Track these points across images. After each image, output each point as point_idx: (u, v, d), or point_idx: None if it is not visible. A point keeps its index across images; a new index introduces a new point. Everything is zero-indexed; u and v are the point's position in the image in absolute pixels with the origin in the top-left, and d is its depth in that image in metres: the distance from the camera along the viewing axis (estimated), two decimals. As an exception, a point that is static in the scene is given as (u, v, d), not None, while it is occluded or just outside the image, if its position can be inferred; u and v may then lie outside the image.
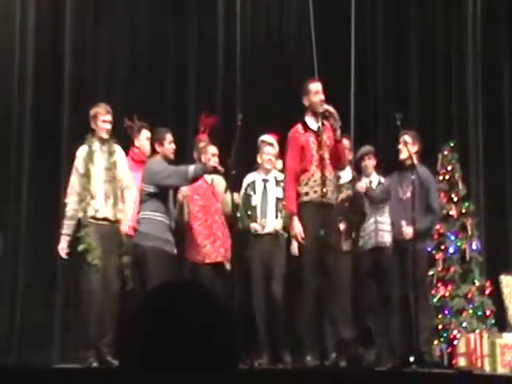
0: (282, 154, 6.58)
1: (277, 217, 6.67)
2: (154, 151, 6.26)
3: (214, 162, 6.34)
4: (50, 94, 7.95)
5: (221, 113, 7.57)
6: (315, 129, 5.70)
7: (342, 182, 6.77)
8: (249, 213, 6.65)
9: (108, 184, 6.03)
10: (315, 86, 5.73)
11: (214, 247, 6.56)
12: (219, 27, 8.50)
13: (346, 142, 6.43)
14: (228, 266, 6.55)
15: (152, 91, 8.06)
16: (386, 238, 6.58)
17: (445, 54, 8.79)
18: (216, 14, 8.52)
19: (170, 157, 6.21)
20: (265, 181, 6.78)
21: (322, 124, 5.74)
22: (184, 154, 7.12)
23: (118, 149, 6.20)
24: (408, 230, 6.23)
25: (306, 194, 5.62)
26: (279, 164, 6.89)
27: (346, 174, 6.76)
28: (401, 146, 6.40)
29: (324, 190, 5.58)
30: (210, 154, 6.57)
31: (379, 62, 8.80)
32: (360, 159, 6.82)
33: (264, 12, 8.63)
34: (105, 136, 6.06)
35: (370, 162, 6.82)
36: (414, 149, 6.38)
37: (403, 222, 6.27)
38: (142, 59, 8.27)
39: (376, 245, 6.60)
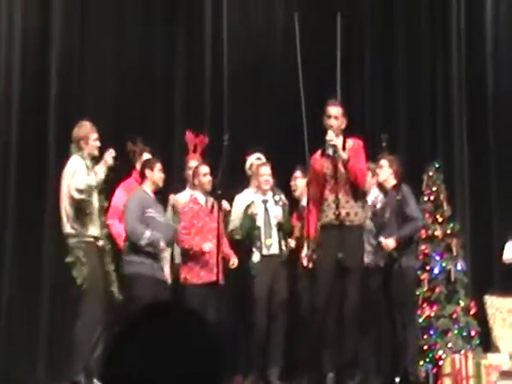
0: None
1: (279, 239, 6.72)
2: (144, 176, 6.35)
3: (207, 181, 6.53)
4: (36, 113, 7.96)
5: (208, 132, 7.57)
6: (331, 153, 5.72)
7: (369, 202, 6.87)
8: (255, 233, 6.68)
9: (101, 202, 6.17)
10: (329, 110, 5.76)
11: (207, 268, 6.56)
12: (207, 47, 8.54)
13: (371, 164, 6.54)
14: (222, 282, 6.52)
15: (139, 110, 8.09)
16: (376, 258, 6.68)
17: (430, 76, 8.92)
18: (204, 34, 8.59)
19: (159, 184, 6.33)
20: (264, 202, 6.82)
21: (343, 146, 5.74)
22: (171, 173, 7.17)
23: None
24: (388, 242, 6.28)
25: (323, 217, 5.70)
26: None
27: (371, 196, 6.82)
28: (378, 170, 6.53)
29: (337, 212, 5.58)
30: (203, 174, 6.65)
31: (365, 83, 8.90)
32: None
33: (251, 34, 8.70)
34: (97, 153, 6.14)
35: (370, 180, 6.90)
36: (388, 171, 6.48)
37: (381, 237, 6.37)
38: (129, 79, 8.30)
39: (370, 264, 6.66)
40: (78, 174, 5.96)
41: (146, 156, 6.73)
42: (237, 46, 8.52)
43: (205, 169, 6.70)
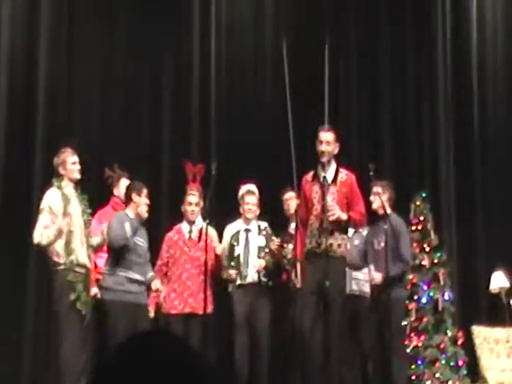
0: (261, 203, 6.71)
1: (258, 271, 6.61)
2: (129, 200, 6.22)
3: (191, 211, 6.45)
4: (22, 138, 7.89)
5: (195, 161, 7.45)
6: (321, 178, 5.69)
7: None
8: (232, 263, 6.61)
9: (83, 230, 6.02)
10: (320, 135, 5.73)
11: (181, 298, 6.48)
12: (194, 74, 8.50)
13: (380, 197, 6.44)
14: (201, 314, 6.40)
15: (126, 138, 8.05)
16: (364, 288, 6.68)
17: (416, 104, 8.94)
18: (192, 61, 8.54)
19: (143, 213, 6.17)
20: (247, 231, 6.75)
21: (335, 176, 5.72)
22: (158, 203, 7.17)
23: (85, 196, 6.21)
24: (376, 276, 6.26)
25: (307, 243, 5.69)
26: None
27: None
28: (372, 197, 6.46)
29: (319, 240, 5.57)
30: (187, 203, 6.59)
31: (352, 113, 8.89)
32: None
33: (239, 60, 8.71)
34: (78, 176, 6.05)
35: None
36: (384, 197, 6.42)
37: (372, 267, 6.34)
38: (116, 106, 8.27)
39: (350, 293, 6.63)
40: (42, 217, 5.87)
41: (125, 182, 6.62)
42: (225, 71, 8.53)
43: (191, 198, 6.62)
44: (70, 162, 6.04)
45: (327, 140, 5.71)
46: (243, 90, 8.61)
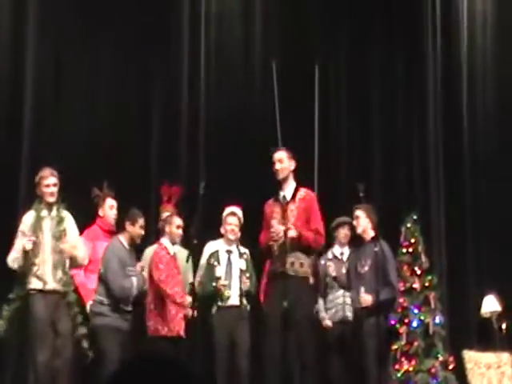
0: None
1: (241, 291, 6.57)
2: (123, 227, 6.21)
3: (178, 234, 6.43)
4: (7, 167, 7.75)
5: (184, 182, 7.57)
6: (281, 199, 5.78)
7: (345, 258, 6.95)
8: (213, 284, 6.56)
9: (57, 254, 5.94)
10: (273, 157, 5.87)
11: (176, 320, 6.44)
12: (183, 95, 8.48)
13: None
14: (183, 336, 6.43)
15: (115, 159, 7.93)
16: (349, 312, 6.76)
17: (406, 124, 8.96)
18: (181, 81, 8.53)
19: (136, 241, 6.21)
20: (229, 252, 6.72)
21: (294, 193, 5.80)
22: (147, 224, 6.85)
23: (67, 215, 6.12)
24: (366, 298, 6.20)
25: (272, 265, 5.77)
26: None
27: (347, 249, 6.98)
28: (355, 222, 6.47)
29: (280, 260, 5.62)
30: (175, 225, 6.55)
31: (341, 134, 8.95)
32: (335, 228, 6.98)
33: (228, 83, 8.66)
34: (51, 200, 5.96)
35: (344, 232, 7.00)
36: (366, 221, 6.40)
37: (362, 289, 6.25)
38: (104, 128, 8.17)
39: (343, 318, 6.76)
40: (17, 241, 5.86)
41: (110, 202, 6.63)
42: (214, 95, 8.53)
43: (178, 221, 6.61)
44: (44, 184, 5.98)
45: (279, 158, 5.84)
46: (233, 111, 8.54)
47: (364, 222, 6.39)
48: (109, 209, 6.60)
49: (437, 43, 9.08)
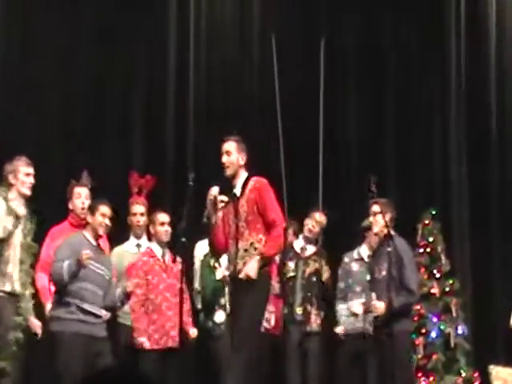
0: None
1: None
2: (87, 221, 5.89)
3: (165, 232, 6.16)
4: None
5: (171, 173, 7.51)
6: (232, 197, 5.51)
7: (307, 254, 6.67)
8: (218, 288, 6.41)
9: (25, 252, 5.66)
10: (222, 147, 5.60)
11: (163, 330, 6.13)
12: (170, 76, 8.11)
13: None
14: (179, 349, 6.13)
15: (91, 146, 7.67)
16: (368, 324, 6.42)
17: (426, 112, 8.57)
18: (167, 60, 8.16)
19: (98, 231, 5.76)
20: None
21: (243, 186, 5.47)
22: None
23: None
24: (378, 305, 5.97)
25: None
26: None
27: (312, 246, 6.71)
28: (371, 219, 6.20)
29: (234, 263, 5.38)
30: (159, 223, 6.27)
31: (350, 120, 8.54)
32: (367, 229, 6.65)
33: (220, 60, 8.26)
34: (27, 192, 5.69)
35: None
36: (386, 218, 6.09)
37: (373, 296, 6.05)
38: (81, 108, 7.89)
39: (357, 330, 6.53)
40: None
41: (77, 190, 6.29)
42: (205, 73, 8.19)
43: (163, 217, 6.30)
44: (23, 173, 5.68)
45: (227, 150, 5.51)
46: (225, 95, 8.21)
47: (381, 220, 6.10)
48: (75, 199, 6.27)
49: (461, 24, 8.65)
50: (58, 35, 7.77)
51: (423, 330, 7.36)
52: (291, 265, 6.64)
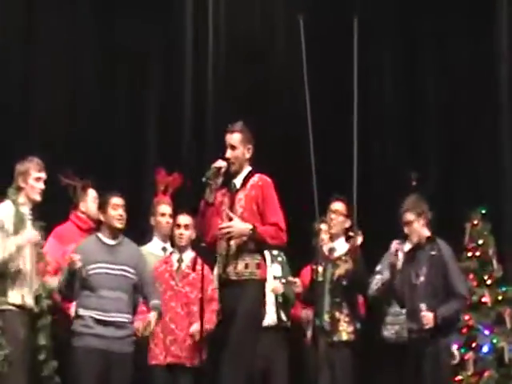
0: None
1: (277, 306, 6.36)
2: (99, 222, 5.80)
3: (179, 234, 6.02)
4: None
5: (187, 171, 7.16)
6: (231, 187, 5.22)
7: (336, 254, 6.25)
8: None
9: (35, 263, 5.47)
10: (226, 138, 5.26)
11: (163, 345, 5.94)
12: (187, 63, 7.92)
13: None
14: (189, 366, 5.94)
15: (99, 140, 7.53)
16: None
17: (471, 93, 8.06)
18: (184, 48, 7.99)
19: (115, 225, 5.58)
20: None
21: (245, 180, 5.17)
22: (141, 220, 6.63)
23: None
24: (428, 316, 5.67)
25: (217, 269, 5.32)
26: None
27: (341, 245, 6.25)
28: (406, 229, 5.94)
29: (224, 262, 5.09)
30: (183, 225, 6.13)
31: (388, 106, 8.21)
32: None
33: (243, 46, 7.97)
34: (37, 198, 5.54)
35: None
36: (421, 221, 5.88)
37: (423, 306, 5.70)
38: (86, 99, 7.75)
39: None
40: None
41: (92, 193, 6.19)
42: (224, 59, 7.96)
43: (184, 219, 6.13)
44: (34, 177, 5.52)
45: (231, 143, 5.18)
46: (249, 80, 7.92)
47: (417, 229, 5.88)
48: (92, 201, 6.13)
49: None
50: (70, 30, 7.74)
51: (473, 344, 7.06)
52: (320, 269, 6.34)
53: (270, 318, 6.18)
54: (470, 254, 7.27)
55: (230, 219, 5.03)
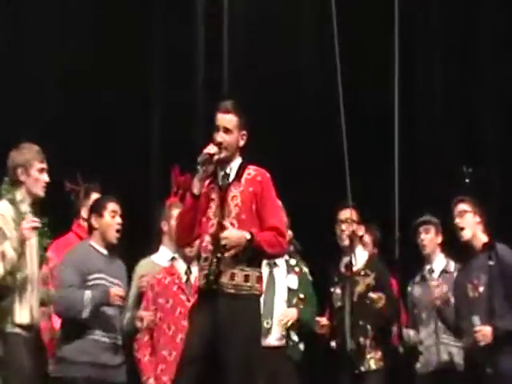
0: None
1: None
2: (91, 228, 5.38)
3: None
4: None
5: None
6: (220, 179, 4.73)
7: (356, 268, 5.85)
8: None
9: (39, 271, 5.03)
10: (217, 118, 4.78)
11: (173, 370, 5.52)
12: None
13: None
14: None
15: (98, 139, 7.21)
16: (456, 357, 5.78)
17: None
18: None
19: (110, 235, 5.26)
20: (272, 265, 5.93)
21: (239, 172, 4.71)
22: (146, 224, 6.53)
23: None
24: (486, 330, 5.29)
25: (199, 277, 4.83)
26: None
27: (360, 255, 5.90)
28: (458, 221, 5.58)
29: (211, 270, 4.62)
30: None
31: (435, 92, 7.77)
32: (414, 232, 6.18)
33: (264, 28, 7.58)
34: (41, 193, 5.01)
35: (426, 237, 6.13)
36: (474, 221, 5.56)
37: (476, 319, 5.37)
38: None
39: (439, 366, 5.84)
40: None
41: (96, 197, 5.84)
42: (241, 43, 7.57)
43: None
44: (37, 168, 4.96)
45: (224, 126, 4.66)
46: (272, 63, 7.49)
47: (471, 223, 5.51)
48: None
49: None
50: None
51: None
52: (338, 292, 5.94)
53: (275, 336, 5.80)
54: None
55: (223, 228, 4.54)
